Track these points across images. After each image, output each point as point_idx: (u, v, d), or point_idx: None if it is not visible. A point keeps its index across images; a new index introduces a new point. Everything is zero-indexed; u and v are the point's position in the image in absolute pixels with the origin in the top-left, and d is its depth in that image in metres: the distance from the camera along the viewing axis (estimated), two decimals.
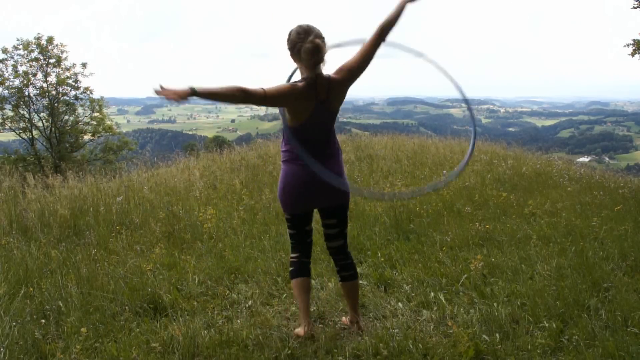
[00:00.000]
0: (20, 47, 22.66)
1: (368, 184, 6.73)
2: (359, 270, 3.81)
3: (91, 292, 3.33)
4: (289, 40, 2.57)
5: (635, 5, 8.70)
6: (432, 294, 3.35)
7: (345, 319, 3.01)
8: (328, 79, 2.60)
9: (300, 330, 2.83)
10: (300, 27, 2.55)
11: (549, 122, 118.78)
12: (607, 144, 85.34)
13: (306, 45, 2.48)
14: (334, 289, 3.50)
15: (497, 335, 2.75)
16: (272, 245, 4.32)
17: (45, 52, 22.92)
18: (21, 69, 22.79)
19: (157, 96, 2.27)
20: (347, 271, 2.89)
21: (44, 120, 23.31)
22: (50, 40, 23.05)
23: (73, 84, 23.50)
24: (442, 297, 3.29)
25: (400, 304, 3.27)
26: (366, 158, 8.85)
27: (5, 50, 22.49)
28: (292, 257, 2.92)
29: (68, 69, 23.48)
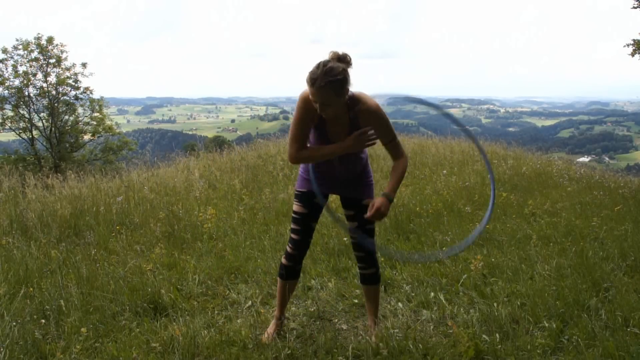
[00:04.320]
0: (20, 47, 22.66)
1: None
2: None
3: (91, 292, 3.32)
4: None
5: (635, 5, 8.71)
6: (432, 294, 3.35)
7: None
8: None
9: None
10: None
11: (549, 122, 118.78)
12: (607, 144, 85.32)
13: None
14: (334, 289, 3.51)
15: (497, 335, 2.75)
16: (272, 245, 4.32)
17: (45, 52, 22.92)
18: (21, 69, 22.81)
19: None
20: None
21: (44, 120, 23.30)
22: (50, 40, 23.05)
23: (73, 84, 23.51)
24: (442, 297, 3.29)
25: (400, 304, 3.27)
26: None
27: (5, 50, 22.48)
28: None
29: (68, 69, 23.49)
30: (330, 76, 2.31)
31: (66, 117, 23.95)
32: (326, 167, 2.68)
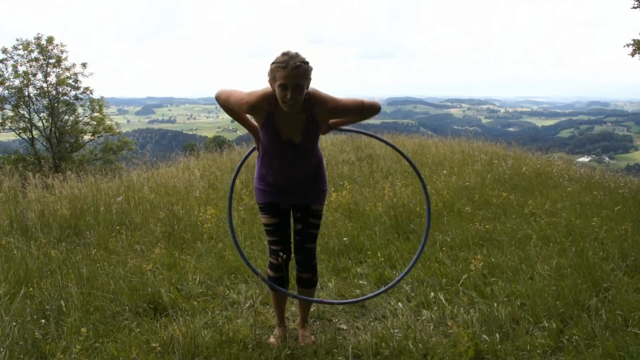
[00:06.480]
0: (20, 47, 22.66)
1: (368, 184, 6.73)
2: (359, 270, 3.83)
3: (91, 292, 3.33)
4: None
5: (635, 5, 8.71)
6: (432, 294, 3.35)
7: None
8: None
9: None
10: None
11: (549, 122, 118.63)
12: (607, 144, 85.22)
13: None
14: (334, 289, 3.51)
15: (497, 335, 2.75)
16: None
17: (45, 52, 22.92)
18: (21, 69, 22.82)
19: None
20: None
21: (44, 120, 23.30)
22: (50, 40, 23.05)
23: (73, 84, 23.52)
24: (442, 297, 3.29)
25: (400, 304, 3.27)
26: (366, 158, 8.85)
27: (5, 50, 22.49)
28: None
29: (68, 69, 23.50)
30: (300, 59, 2.39)
31: (66, 117, 23.95)
32: (276, 177, 2.67)
